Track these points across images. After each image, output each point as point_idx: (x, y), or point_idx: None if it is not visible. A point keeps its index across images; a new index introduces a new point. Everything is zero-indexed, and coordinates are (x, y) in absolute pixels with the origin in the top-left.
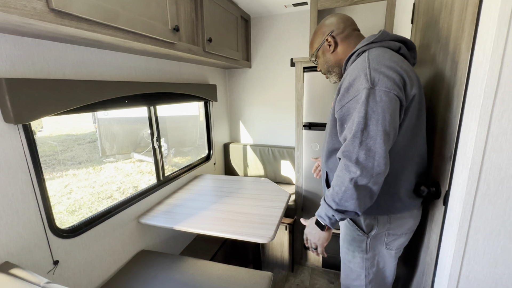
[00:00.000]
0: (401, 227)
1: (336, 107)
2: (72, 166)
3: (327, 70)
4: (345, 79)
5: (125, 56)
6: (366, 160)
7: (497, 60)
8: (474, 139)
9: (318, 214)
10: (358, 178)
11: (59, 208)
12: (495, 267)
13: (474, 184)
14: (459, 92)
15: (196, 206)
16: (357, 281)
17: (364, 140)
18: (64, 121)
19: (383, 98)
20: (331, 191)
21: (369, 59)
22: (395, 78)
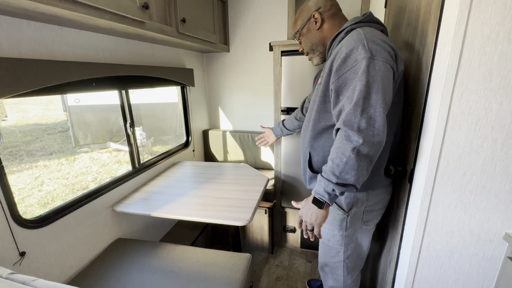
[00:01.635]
0: (378, 204)
1: (332, 78)
2: (42, 157)
3: (310, 48)
4: (339, 51)
5: (91, 35)
6: (367, 128)
7: (458, 42)
8: (436, 119)
9: (315, 191)
10: (360, 147)
11: (30, 201)
12: (451, 237)
13: (435, 161)
14: (425, 74)
15: (175, 193)
16: (336, 258)
17: (365, 108)
18: (31, 110)
19: (382, 68)
20: (330, 164)
21: (364, 33)
22: (390, 51)
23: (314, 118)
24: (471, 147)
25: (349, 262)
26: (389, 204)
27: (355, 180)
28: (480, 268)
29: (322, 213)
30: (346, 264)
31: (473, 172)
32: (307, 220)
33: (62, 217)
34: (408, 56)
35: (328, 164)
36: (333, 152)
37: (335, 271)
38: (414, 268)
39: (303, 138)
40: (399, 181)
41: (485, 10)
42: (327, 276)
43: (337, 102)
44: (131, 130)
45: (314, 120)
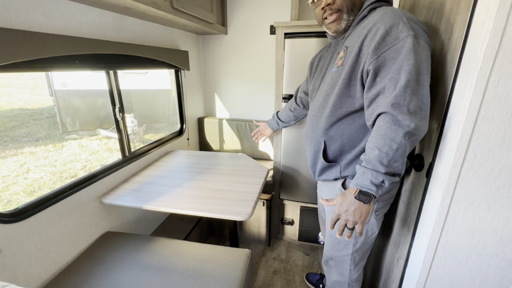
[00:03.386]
0: (389, 193)
1: (369, 58)
2: (28, 143)
3: (350, 6)
4: (372, 29)
5: (73, 5)
6: (417, 112)
7: (503, 17)
8: (468, 107)
9: (359, 185)
10: (413, 132)
11: (14, 189)
12: (471, 236)
13: (461, 155)
14: (453, 56)
15: (168, 184)
16: (344, 251)
17: (415, 90)
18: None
19: (425, 48)
20: (377, 153)
21: (401, 11)
22: (426, 32)
23: (334, 104)
24: (503, 139)
25: (357, 255)
26: (397, 199)
27: (402, 168)
28: (498, 269)
29: (368, 208)
30: (354, 257)
31: (502, 167)
32: (348, 219)
33: (43, 210)
34: (431, 37)
35: (373, 153)
36: (379, 140)
37: (341, 264)
38: (427, 268)
39: (313, 127)
40: (412, 174)
41: None
42: (331, 270)
43: (374, 84)
44: (120, 116)
45: (333, 106)
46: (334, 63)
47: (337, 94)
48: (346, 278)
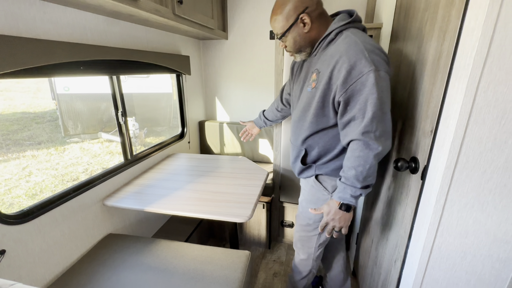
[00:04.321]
0: None
1: (338, 91)
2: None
3: (297, 50)
4: (339, 61)
5: (78, 13)
6: (382, 136)
7: (490, 26)
8: (459, 112)
9: (342, 199)
10: (380, 153)
11: (16, 192)
12: (465, 237)
13: (454, 158)
14: (445, 63)
15: (169, 186)
16: (312, 232)
17: (380, 119)
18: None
19: (385, 78)
20: (353, 173)
21: (361, 42)
22: (385, 59)
23: (311, 121)
24: (494, 142)
25: (322, 235)
26: (393, 200)
27: (372, 180)
28: (493, 270)
29: (350, 215)
30: (319, 237)
31: (494, 170)
32: (335, 225)
33: (47, 212)
34: (424, 44)
35: (351, 172)
36: (354, 161)
37: (308, 244)
38: (423, 269)
39: (296, 135)
40: (408, 176)
41: None
42: (300, 250)
43: (346, 112)
44: (123, 120)
45: (310, 123)
46: (309, 83)
47: (313, 114)
48: (311, 255)
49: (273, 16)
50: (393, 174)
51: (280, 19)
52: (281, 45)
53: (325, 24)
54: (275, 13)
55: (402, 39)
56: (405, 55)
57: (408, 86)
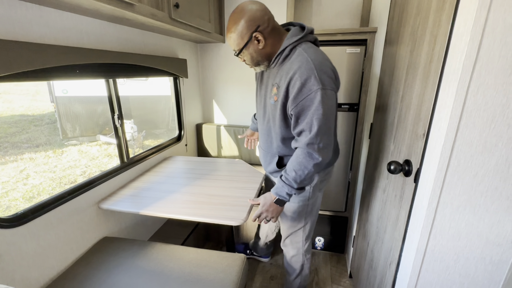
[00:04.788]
0: (328, 174)
1: (290, 105)
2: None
3: (255, 64)
4: (293, 78)
5: (74, 17)
6: (324, 148)
7: (478, 31)
8: (449, 115)
9: (279, 194)
10: (320, 163)
11: (14, 194)
12: (458, 240)
13: (445, 161)
14: (436, 67)
15: (165, 189)
16: (297, 226)
17: (324, 133)
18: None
19: (331, 96)
20: (293, 175)
21: (312, 60)
22: (332, 77)
23: (278, 132)
24: (484, 146)
25: (307, 226)
26: (389, 204)
27: (308, 183)
28: (486, 272)
29: (281, 209)
30: (304, 229)
31: (485, 173)
32: (268, 215)
33: (42, 215)
34: (416, 48)
35: (291, 174)
36: (296, 165)
37: (295, 238)
38: (417, 272)
39: (268, 144)
40: (401, 179)
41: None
42: (288, 248)
43: (297, 125)
44: (119, 123)
45: (278, 134)
46: (271, 96)
47: (279, 125)
48: (300, 250)
49: (228, 34)
50: (388, 177)
51: (235, 38)
52: (240, 60)
53: (278, 38)
54: (230, 31)
55: (396, 43)
56: (398, 58)
57: (401, 89)
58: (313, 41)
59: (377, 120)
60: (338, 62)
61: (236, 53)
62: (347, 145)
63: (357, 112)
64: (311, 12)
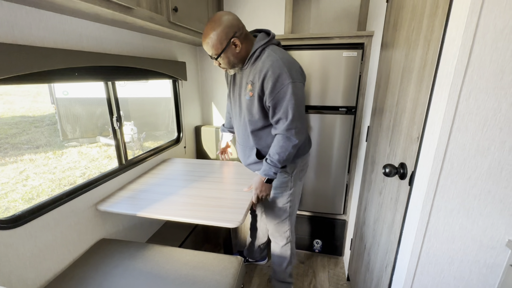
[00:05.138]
0: (306, 163)
1: (267, 98)
2: (28, 150)
3: (231, 66)
4: (267, 75)
5: (74, 21)
6: (300, 132)
7: (469, 36)
8: (442, 119)
9: (267, 174)
10: (297, 144)
11: (13, 196)
12: (452, 243)
13: (439, 164)
14: (430, 71)
15: (163, 191)
16: (283, 216)
17: (298, 119)
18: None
19: (300, 88)
20: (277, 157)
21: (281, 59)
22: (300, 71)
23: (257, 122)
24: (477, 149)
25: (291, 214)
26: (385, 207)
27: (288, 162)
28: (480, 276)
29: (271, 186)
30: (290, 218)
31: (478, 176)
32: (263, 194)
33: (40, 217)
34: (411, 52)
35: (275, 157)
36: (279, 149)
37: (283, 228)
38: (412, 274)
39: (245, 138)
40: (397, 182)
41: (499, 2)
42: (277, 239)
43: (275, 114)
44: (117, 125)
45: (257, 123)
46: (246, 92)
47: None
48: (288, 238)
49: (206, 39)
50: (384, 179)
51: (214, 43)
52: (215, 63)
53: (249, 42)
54: (208, 37)
55: (391, 47)
56: (394, 62)
57: (396, 92)
58: (277, 44)
59: (374, 123)
60: (335, 66)
61: (216, 57)
62: (345, 147)
63: (355, 115)
64: (310, 16)
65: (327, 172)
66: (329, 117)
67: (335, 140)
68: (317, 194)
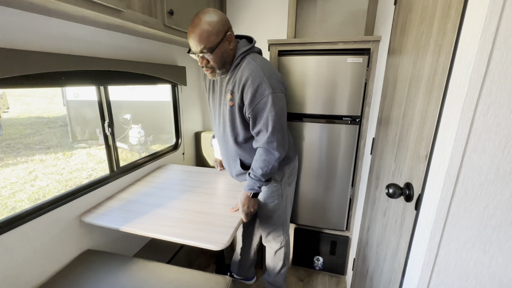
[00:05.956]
0: (294, 168)
1: (247, 109)
2: (40, 151)
3: (221, 65)
4: (246, 84)
5: (63, 23)
6: (281, 144)
7: (488, 40)
8: (454, 137)
9: (251, 189)
10: (279, 157)
11: (20, 196)
12: (466, 281)
13: (450, 188)
14: (440, 80)
15: (152, 203)
16: (278, 220)
17: (278, 131)
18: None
19: (281, 98)
20: (260, 172)
21: (261, 68)
22: (281, 80)
23: (236, 133)
24: (496, 173)
25: (285, 220)
26: (388, 230)
27: (272, 175)
28: None
29: (257, 200)
30: (284, 223)
31: (497, 205)
32: (251, 210)
33: (17, 227)
34: (420, 58)
35: (258, 172)
36: (261, 163)
37: (277, 233)
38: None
39: (227, 148)
40: (402, 204)
41: None
42: (271, 244)
43: (255, 126)
44: (109, 131)
45: (236, 135)
46: (226, 102)
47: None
48: (283, 241)
49: (199, 31)
50: (388, 199)
51: (210, 34)
52: (202, 62)
53: (235, 45)
54: (202, 28)
55: (399, 53)
56: (401, 70)
57: (403, 103)
58: (258, 52)
59: (379, 136)
60: (339, 72)
61: (209, 51)
62: (349, 159)
63: (360, 125)
64: (315, 20)
65: (330, 184)
66: (332, 126)
67: (339, 151)
68: (319, 208)
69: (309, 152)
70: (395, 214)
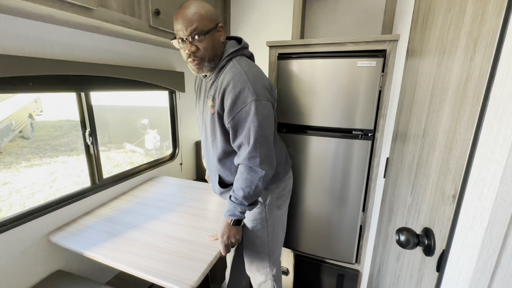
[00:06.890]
0: (285, 188)
1: (227, 118)
2: (64, 152)
3: (211, 57)
4: (227, 89)
5: (31, 24)
6: (265, 161)
7: None
8: (501, 175)
9: (231, 214)
10: (265, 176)
11: (38, 197)
12: None
13: (493, 253)
14: (477, 89)
15: (128, 222)
16: (263, 248)
17: (262, 145)
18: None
19: (266, 106)
20: (242, 194)
21: (245, 72)
22: (268, 87)
23: (218, 146)
24: None
25: (270, 248)
26: (402, 283)
27: (258, 197)
28: None
29: (240, 228)
30: (270, 253)
31: None
32: (232, 240)
33: None
34: (445, 58)
35: (240, 194)
36: (243, 183)
37: (262, 264)
38: None
39: (209, 161)
40: (420, 257)
41: None
42: (254, 275)
43: (236, 138)
44: (90, 140)
45: (217, 147)
46: (207, 109)
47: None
48: (268, 274)
49: (192, 12)
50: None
51: (204, 17)
52: (189, 50)
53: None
54: (195, 9)
55: (419, 53)
56: (421, 74)
57: (423, 118)
58: (249, 56)
59: (393, 156)
60: (348, 78)
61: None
62: (359, 180)
63: (373, 140)
64: (326, 21)
65: (338, 209)
66: (340, 141)
67: (348, 170)
68: (325, 235)
69: (314, 169)
70: (410, 265)
